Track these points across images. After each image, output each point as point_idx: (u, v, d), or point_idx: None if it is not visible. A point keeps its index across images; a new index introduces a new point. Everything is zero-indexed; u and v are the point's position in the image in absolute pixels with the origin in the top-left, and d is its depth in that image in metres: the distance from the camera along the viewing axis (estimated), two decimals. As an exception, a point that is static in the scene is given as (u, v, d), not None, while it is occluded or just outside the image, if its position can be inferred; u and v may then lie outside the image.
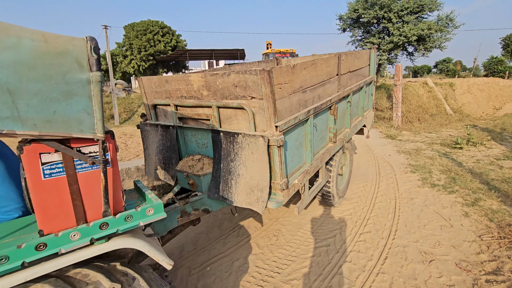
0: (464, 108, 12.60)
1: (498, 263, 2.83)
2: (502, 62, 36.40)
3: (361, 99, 4.40)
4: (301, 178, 2.63)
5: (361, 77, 4.31)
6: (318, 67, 2.82)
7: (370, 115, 5.02)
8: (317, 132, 2.99)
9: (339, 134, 3.49)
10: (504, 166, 5.39)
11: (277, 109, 2.20)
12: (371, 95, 5.04)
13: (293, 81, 2.41)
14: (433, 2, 12.14)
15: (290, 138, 2.47)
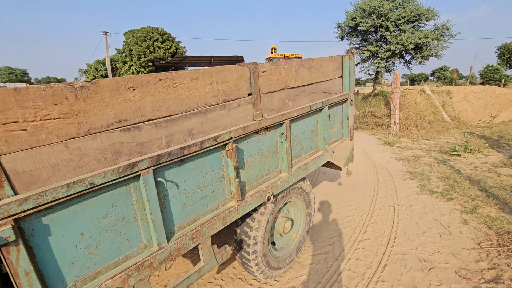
0: (461, 116, 12.70)
1: (497, 271, 2.81)
2: (498, 70, 36.92)
3: (322, 126, 3.02)
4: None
5: (323, 94, 3.01)
6: (185, 85, 1.72)
7: (344, 147, 3.50)
8: (180, 194, 1.78)
9: (258, 185, 2.34)
10: (502, 174, 5.41)
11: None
12: (347, 118, 3.50)
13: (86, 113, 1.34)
14: (430, 11, 12.34)
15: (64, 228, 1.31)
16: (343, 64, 3.32)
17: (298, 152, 2.77)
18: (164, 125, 1.64)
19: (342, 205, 4.46)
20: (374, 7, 12.40)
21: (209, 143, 1.83)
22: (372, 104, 13.29)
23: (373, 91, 15.19)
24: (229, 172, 2.06)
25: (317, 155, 3.02)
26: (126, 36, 36.12)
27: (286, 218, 2.90)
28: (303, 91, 2.73)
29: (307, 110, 2.69)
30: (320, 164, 3.04)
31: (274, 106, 2.40)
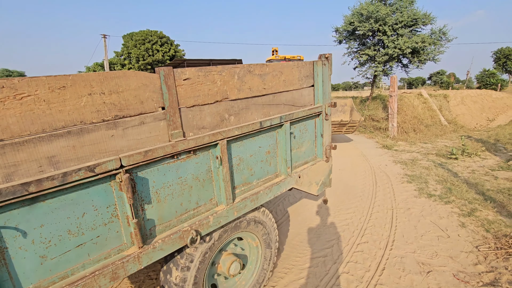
0: (459, 119, 12.79)
1: (495, 274, 2.82)
2: (494, 74, 37.29)
3: (283, 146, 2.47)
4: None
5: (284, 107, 2.47)
6: (40, 97, 1.29)
7: (318, 170, 2.92)
8: (34, 244, 1.32)
9: (179, 223, 1.85)
10: (499, 177, 5.44)
11: None
12: (321, 135, 2.92)
13: None
14: (427, 16, 12.47)
15: None
16: (314, 71, 2.73)
17: (245, 179, 2.22)
18: (1, 151, 1.19)
19: (340, 208, 4.46)
20: (371, 12, 12.51)
21: (80, 175, 1.34)
22: (370, 107, 13.36)
23: (371, 94, 15.27)
24: (126, 209, 1.57)
25: (276, 181, 2.46)
26: (125, 39, 36.21)
27: (234, 258, 2.28)
28: (254, 104, 2.19)
29: (257, 127, 2.16)
30: (280, 192, 2.49)
31: (205, 123, 1.88)
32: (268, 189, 2.36)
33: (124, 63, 37.36)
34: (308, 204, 4.67)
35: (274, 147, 2.45)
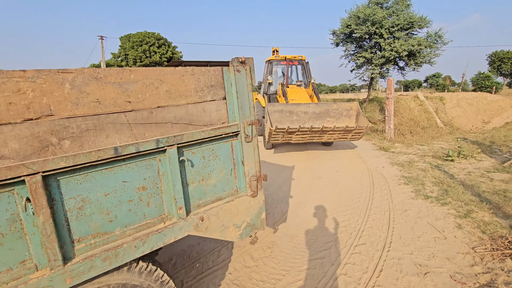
0: (454, 121, 12.89)
1: (492, 275, 2.83)
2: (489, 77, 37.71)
3: (169, 178, 1.82)
4: None
5: (174, 127, 1.86)
6: None
7: (238, 208, 2.22)
8: None
9: None
10: (495, 179, 5.48)
11: None
12: (241, 162, 2.24)
13: None
14: (423, 19, 12.61)
15: None
16: (225, 79, 2.08)
17: (97, 228, 1.58)
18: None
19: (337, 210, 4.47)
20: (368, 15, 12.62)
21: None
22: (367, 109, 13.43)
23: (368, 97, 15.36)
24: None
25: (159, 228, 1.79)
26: (122, 41, 36.13)
27: None
28: (111, 123, 1.59)
29: (110, 155, 1.53)
30: (165, 242, 1.79)
31: (6, 151, 1.29)
32: (140, 240, 1.68)
33: (122, 64, 37.25)
34: (306, 206, 4.67)
35: (156, 181, 1.78)
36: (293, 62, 9.97)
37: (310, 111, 7.76)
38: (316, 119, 7.75)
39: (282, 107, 7.61)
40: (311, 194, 5.22)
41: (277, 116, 7.53)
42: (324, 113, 7.78)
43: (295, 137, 6.94)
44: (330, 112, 7.81)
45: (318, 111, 7.78)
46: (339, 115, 7.88)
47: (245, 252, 3.44)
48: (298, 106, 7.68)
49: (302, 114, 7.72)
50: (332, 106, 7.80)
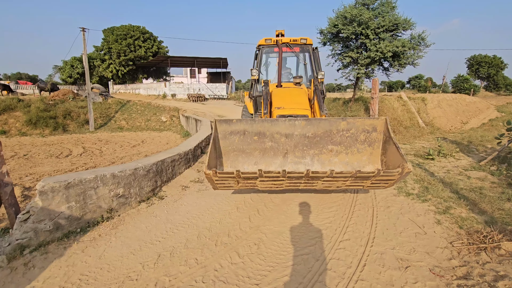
0: (435, 122, 13.37)
1: (468, 268, 2.96)
2: (467, 80, 39.33)
3: None
4: None
5: None
6: None
7: None
8: None
9: None
10: (472, 176, 5.72)
11: None
12: None
13: None
14: (407, 21, 12.95)
15: None
16: None
17: None
18: None
19: (323, 207, 4.53)
20: (355, 15, 12.82)
21: None
22: (353, 109, 13.68)
23: (353, 96, 15.65)
24: None
25: None
26: (105, 34, 34.97)
27: None
28: None
29: None
30: None
31: None
32: None
33: (104, 58, 36.07)
34: (292, 203, 4.70)
35: None
36: (292, 48, 6.33)
37: (296, 133, 4.22)
38: (308, 148, 4.26)
39: (245, 125, 4.21)
40: (297, 191, 5.27)
41: (235, 142, 4.22)
42: (322, 136, 4.22)
43: (262, 184, 3.65)
44: (334, 134, 4.20)
45: (311, 132, 4.21)
46: (351, 141, 4.19)
47: (231, 249, 3.43)
48: (274, 125, 4.20)
49: (283, 138, 4.22)
50: (339, 125, 4.18)
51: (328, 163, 4.18)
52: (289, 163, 4.17)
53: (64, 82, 39.54)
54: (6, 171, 3.41)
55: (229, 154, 4.23)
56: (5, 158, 3.79)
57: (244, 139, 4.21)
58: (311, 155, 4.23)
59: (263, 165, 4.13)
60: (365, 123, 4.04)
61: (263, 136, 4.21)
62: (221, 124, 4.15)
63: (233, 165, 4.16)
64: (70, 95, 20.63)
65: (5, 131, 14.30)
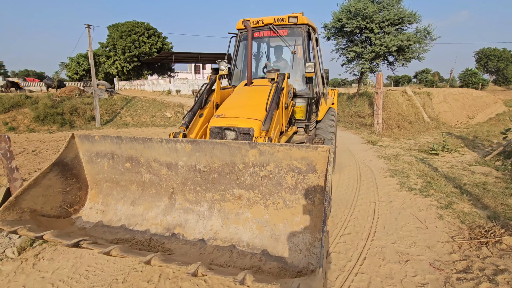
0: (440, 117, 13.22)
1: (468, 262, 2.98)
2: (476, 74, 38.62)
3: None
4: None
5: None
6: None
7: None
8: None
9: None
10: (476, 172, 5.69)
11: None
12: None
13: None
14: (412, 15, 12.75)
15: None
16: None
17: None
18: None
19: (325, 201, 4.57)
20: (359, 9, 12.66)
21: None
22: (357, 104, 13.60)
23: (357, 91, 15.53)
24: None
25: None
26: (110, 30, 35.12)
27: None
28: None
29: None
30: None
31: None
32: None
33: (110, 54, 36.28)
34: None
35: None
36: (277, 31, 4.53)
37: (181, 163, 2.57)
38: (204, 189, 2.58)
39: (111, 145, 2.82)
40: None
41: (104, 169, 2.90)
42: (222, 172, 2.46)
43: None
44: (241, 171, 2.38)
45: (203, 164, 2.49)
46: (272, 186, 2.34)
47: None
48: (148, 147, 2.65)
49: (164, 169, 2.67)
50: (246, 155, 2.32)
51: (236, 219, 2.44)
52: (176, 209, 2.62)
53: (70, 79, 39.95)
54: (15, 166, 3.52)
55: (101, 185, 2.91)
56: (14, 154, 3.91)
57: (115, 166, 2.83)
58: (210, 201, 2.54)
59: (141, 207, 2.74)
60: (293, 155, 2.19)
61: (137, 164, 2.75)
62: (83, 142, 2.87)
63: (106, 201, 2.86)
64: (76, 92, 20.86)
65: (14, 127, 14.59)
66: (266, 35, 4.67)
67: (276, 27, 4.50)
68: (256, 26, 4.61)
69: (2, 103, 15.24)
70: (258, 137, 2.95)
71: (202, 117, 3.62)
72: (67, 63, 40.66)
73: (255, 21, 4.58)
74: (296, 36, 4.55)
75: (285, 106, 3.67)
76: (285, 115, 3.71)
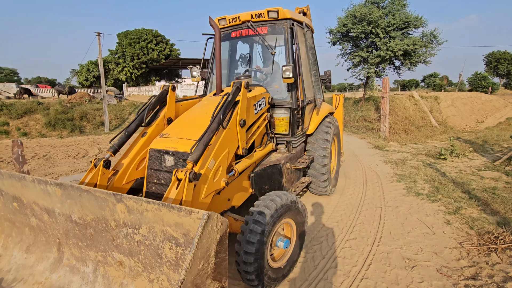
0: (449, 121, 13.05)
1: (476, 268, 2.93)
2: (485, 78, 38.01)
3: None
4: None
5: None
6: None
7: None
8: None
9: None
10: (485, 177, 5.59)
11: None
12: None
13: None
14: (418, 19, 12.71)
15: None
16: None
17: None
18: None
19: (330, 206, 4.55)
20: (364, 14, 12.70)
21: None
22: (363, 108, 13.54)
23: (363, 96, 15.47)
24: None
25: None
26: (120, 37, 35.93)
27: None
28: None
29: None
30: None
31: None
32: None
33: (119, 61, 37.04)
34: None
35: None
36: (255, 29, 3.84)
37: (57, 210, 2.11)
38: (87, 247, 2.08)
39: None
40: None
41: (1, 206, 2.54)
42: (97, 228, 1.94)
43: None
44: (114, 230, 1.85)
45: (77, 215, 2.00)
46: (151, 255, 1.72)
47: (238, 247, 3.51)
48: (25, 186, 2.24)
49: (45, 215, 2.22)
50: (114, 211, 1.79)
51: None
52: (64, 266, 2.21)
53: (80, 85, 40.86)
54: (27, 170, 3.63)
55: (2, 223, 2.58)
56: (26, 159, 4.03)
57: (6, 204, 2.47)
58: (94, 262, 2.08)
59: (34, 256, 2.35)
60: (165, 219, 1.62)
61: (22, 205, 2.35)
62: None
63: (5, 244, 2.52)
64: (86, 98, 21.31)
65: (26, 133, 14.97)
66: (245, 34, 4.02)
67: (255, 24, 3.79)
68: (233, 25, 3.99)
69: (15, 109, 15.67)
70: (179, 170, 2.14)
71: (145, 137, 2.98)
72: (78, 70, 41.65)
73: (231, 19, 3.97)
74: (277, 33, 3.80)
75: (241, 124, 2.83)
76: (241, 134, 2.88)
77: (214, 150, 2.54)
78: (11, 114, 15.48)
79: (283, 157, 3.61)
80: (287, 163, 3.58)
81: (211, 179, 2.49)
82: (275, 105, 3.71)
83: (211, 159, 2.49)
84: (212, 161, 2.51)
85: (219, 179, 2.60)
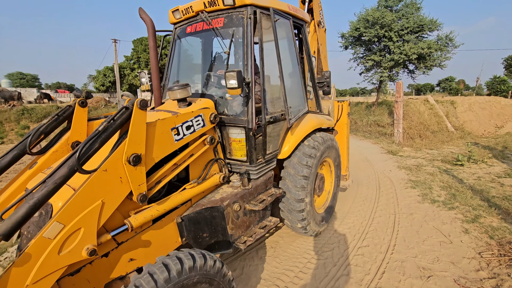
0: (466, 126, 12.63)
1: (497, 280, 2.79)
2: (505, 81, 36.70)
3: None
4: None
5: None
6: None
7: None
8: None
9: None
10: (505, 184, 5.36)
11: None
12: None
13: None
14: (433, 22, 12.46)
15: None
16: None
17: None
18: None
19: (342, 212, 4.47)
20: (377, 18, 12.56)
21: None
22: (376, 113, 13.31)
23: (376, 100, 15.23)
24: None
25: None
26: (135, 44, 36.95)
27: None
28: None
29: None
30: None
31: None
32: None
33: (134, 67, 38.06)
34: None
35: None
36: (209, 21, 2.94)
37: None
38: None
39: None
40: (316, 196, 5.24)
41: None
42: None
43: None
44: None
45: None
46: None
47: (248, 252, 3.49)
48: None
49: None
50: None
51: None
52: None
53: (97, 90, 42.11)
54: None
55: None
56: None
57: None
58: None
59: None
60: None
61: None
62: None
63: None
64: (102, 102, 21.95)
65: (44, 136, 15.58)
66: (200, 29, 3.11)
67: (210, 15, 2.93)
68: (188, 17, 3.15)
69: (36, 113, 16.31)
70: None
71: (34, 168, 2.29)
72: (95, 75, 43.04)
73: (184, 10, 3.10)
74: (234, 26, 2.85)
75: (132, 161, 1.89)
76: (133, 175, 1.94)
77: (63, 209, 1.65)
78: (31, 118, 16.11)
79: (230, 195, 2.60)
80: (235, 203, 2.59)
81: (52, 253, 1.61)
82: (226, 124, 2.81)
83: (54, 222, 1.61)
84: (56, 225, 1.63)
85: (77, 248, 1.70)
